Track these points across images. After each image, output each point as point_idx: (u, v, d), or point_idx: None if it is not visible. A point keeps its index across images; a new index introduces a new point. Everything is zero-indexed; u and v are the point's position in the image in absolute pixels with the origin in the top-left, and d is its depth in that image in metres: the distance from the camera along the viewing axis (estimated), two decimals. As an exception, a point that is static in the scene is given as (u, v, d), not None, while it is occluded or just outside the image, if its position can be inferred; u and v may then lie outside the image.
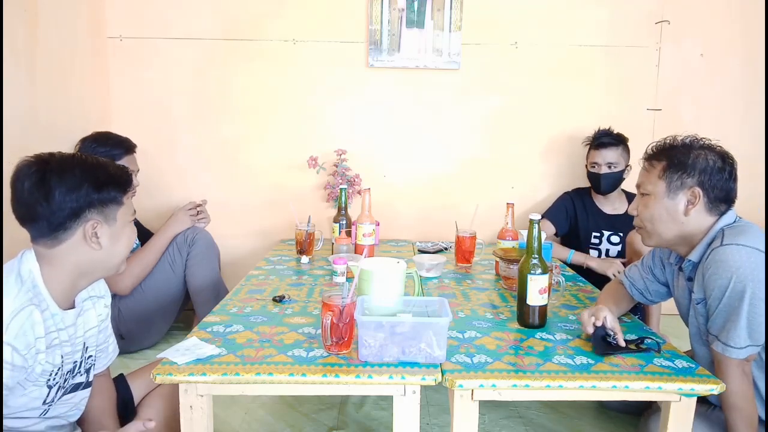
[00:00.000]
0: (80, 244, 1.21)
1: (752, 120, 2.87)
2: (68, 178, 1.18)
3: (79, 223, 1.19)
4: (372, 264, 1.65)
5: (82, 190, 1.18)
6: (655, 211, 1.48)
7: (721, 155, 1.45)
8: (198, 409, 1.26)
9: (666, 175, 1.45)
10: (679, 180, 1.44)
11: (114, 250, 1.26)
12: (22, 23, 2.10)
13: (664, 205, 1.46)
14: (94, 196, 1.20)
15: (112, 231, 1.24)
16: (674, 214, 1.45)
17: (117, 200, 1.25)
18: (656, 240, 1.52)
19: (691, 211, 1.44)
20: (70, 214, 1.18)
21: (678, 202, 1.45)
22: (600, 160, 2.55)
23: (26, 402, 1.17)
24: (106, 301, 1.40)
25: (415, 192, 2.92)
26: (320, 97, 2.84)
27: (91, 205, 1.20)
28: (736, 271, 1.34)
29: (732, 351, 1.36)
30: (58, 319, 1.21)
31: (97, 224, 1.21)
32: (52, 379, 1.20)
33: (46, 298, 1.19)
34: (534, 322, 1.54)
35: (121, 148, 2.31)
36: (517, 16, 2.81)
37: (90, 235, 1.20)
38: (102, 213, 1.22)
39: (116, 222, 1.25)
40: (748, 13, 2.80)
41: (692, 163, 1.43)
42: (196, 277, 2.35)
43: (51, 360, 1.18)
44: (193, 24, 2.77)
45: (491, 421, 1.88)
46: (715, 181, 1.43)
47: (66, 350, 1.23)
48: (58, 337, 1.20)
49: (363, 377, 1.24)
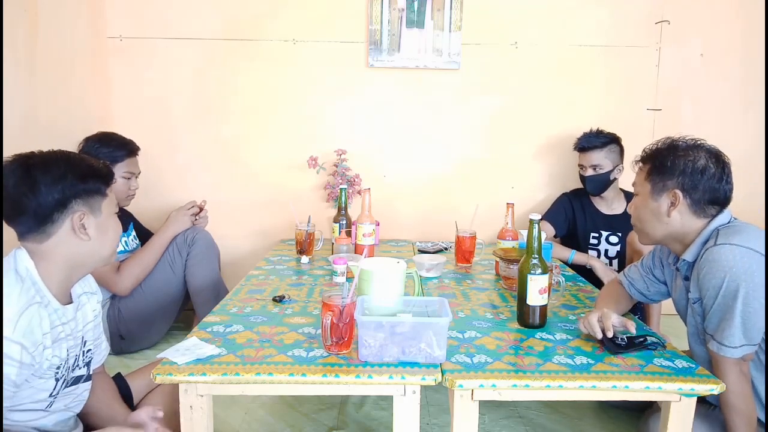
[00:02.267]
0: (69, 236, 1.22)
1: (752, 120, 2.88)
2: (53, 170, 1.20)
3: (66, 215, 1.21)
4: (372, 264, 1.65)
5: (67, 180, 1.20)
6: (642, 211, 1.54)
7: (709, 156, 1.46)
8: (198, 409, 1.26)
9: (651, 177, 1.50)
10: (661, 182, 1.48)
11: (102, 241, 1.28)
12: (22, 23, 2.10)
13: (650, 206, 1.51)
14: (79, 186, 1.22)
15: (99, 222, 1.26)
16: (658, 215, 1.50)
17: (101, 191, 1.27)
18: (647, 238, 1.57)
19: (673, 212, 1.47)
20: (57, 205, 1.19)
21: (661, 204, 1.49)
22: (585, 163, 2.55)
23: (32, 394, 1.18)
24: (98, 297, 1.42)
25: (415, 192, 2.92)
26: (320, 97, 2.84)
27: (77, 196, 1.22)
28: (729, 271, 1.35)
29: (727, 350, 1.36)
30: (60, 313, 1.22)
31: (84, 215, 1.23)
32: (59, 373, 1.22)
33: (46, 294, 1.20)
34: (534, 322, 1.55)
35: (124, 150, 2.31)
36: (517, 16, 2.80)
37: (78, 227, 1.22)
38: (87, 204, 1.24)
39: (102, 213, 1.27)
40: (748, 13, 2.80)
41: (671, 165, 1.47)
42: (196, 277, 2.35)
43: (58, 354, 1.20)
44: (193, 24, 2.77)
45: (491, 421, 1.88)
46: (697, 182, 1.44)
47: (70, 343, 1.25)
48: (63, 331, 1.22)
49: (363, 377, 1.24)
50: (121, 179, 2.29)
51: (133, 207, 2.52)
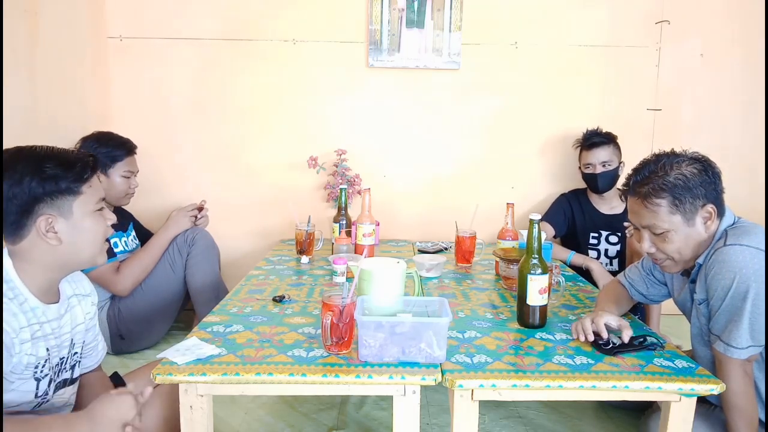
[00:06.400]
0: (39, 240, 1.17)
1: (752, 120, 2.87)
2: (9, 174, 1.14)
3: (32, 219, 1.16)
4: (372, 264, 1.65)
5: (24, 184, 1.14)
6: (680, 243, 1.45)
7: (695, 160, 1.44)
8: (198, 409, 1.26)
9: (677, 208, 1.42)
10: (691, 206, 1.42)
11: (78, 244, 1.21)
12: (22, 23, 2.10)
13: (686, 233, 1.44)
14: (38, 189, 1.15)
15: (71, 223, 1.19)
16: (698, 236, 1.45)
17: (70, 191, 1.19)
18: (684, 265, 1.51)
19: (710, 226, 1.44)
20: (19, 210, 1.14)
21: (698, 225, 1.44)
22: (594, 160, 2.55)
23: (17, 397, 1.16)
24: (93, 299, 1.39)
25: (415, 192, 2.92)
26: (320, 97, 2.84)
27: (38, 200, 1.15)
28: (739, 272, 1.34)
29: (734, 351, 1.36)
30: (39, 312, 1.19)
31: (52, 218, 1.17)
32: (39, 372, 1.19)
33: (23, 291, 1.17)
34: (534, 322, 1.55)
35: (122, 149, 2.31)
36: (517, 16, 2.80)
37: (44, 231, 1.16)
38: (54, 206, 1.17)
39: (73, 214, 1.20)
40: (748, 13, 2.80)
41: (687, 186, 1.41)
42: (196, 278, 2.35)
43: (35, 352, 1.17)
44: (193, 24, 2.77)
45: (491, 421, 1.88)
46: (715, 187, 1.43)
47: (51, 343, 1.22)
48: (40, 329, 1.19)
49: (363, 377, 1.24)
50: (120, 178, 2.29)
51: (133, 207, 2.52)
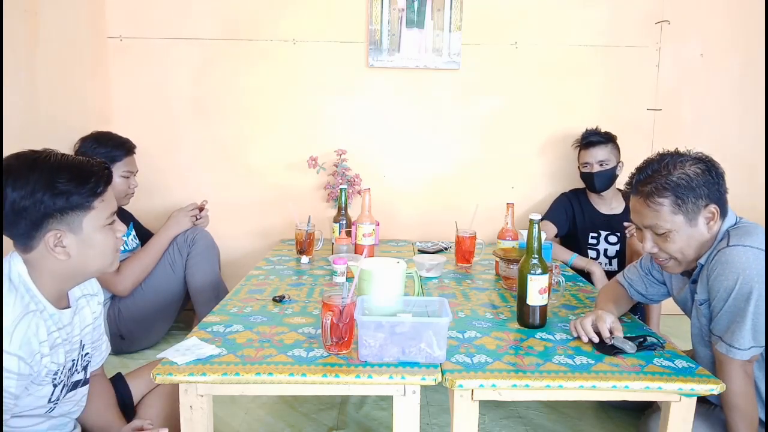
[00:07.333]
0: (48, 253, 1.15)
1: (752, 120, 2.87)
2: (22, 185, 1.11)
3: (42, 232, 1.14)
4: (372, 264, 1.65)
5: (35, 198, 1.11)
6: (683, 243, 1.45)
7: (699, 160, 1.44)
8: (198, 409, 1.26)
9: (679, 208, 1.42)
10: (693, 205, 1.42)
11: (87, 258, 1.20)
12: (22, 23, 2.10)
13: (689, 233, 1.44)
14: (49, 205, 1.12)
15: (80, 239, 1.17)
16: (700, 236, 1.44)
17: (82, 207, 1.16)
18: (686, 265, 1.50)
19: (713, 226, 1.44)
20: (29, 223, 1.12)
21: (700, 226, 1.44)
22: (591, 159, 2.55)
23: (32, 401, 1.17)
24: (99, 298, 1.39)
25: (415, 192, 2.92)
26: (320, 97, 2.84)
27: (48, 216, 1.13)
28: (742, 273, 1.34)
29: (736, 352, 1.36)
30: (56, 318, 1.20)
31: (61, 234, 1.15)
32: (57, 378, 1.20)
33: (41, 300, 1.17)
34: (534, 322, 1.55)
35: (121, 150, 2.31)
36: (517, 16, 2.80)
37: (52, 246, 1.14)
38: (63, 222, 1.15)
39: (83, 230, 1.17)
40: (748, 13, 2.80)
41: (690, 185, 1.40)
42: (196, 277, 2.35)
43: (56, 360, 1.18)
44: (193, 24, 2.76)
45: (491, 421, 1.88)
46: (718, 186, 1.43)
47: (67, 348, 1.23)
48: (59, 336, 1.20)
49: (363, 377, 1.24)
50: (120, 179, 2.29)
51: (133, 207, 2.52)
